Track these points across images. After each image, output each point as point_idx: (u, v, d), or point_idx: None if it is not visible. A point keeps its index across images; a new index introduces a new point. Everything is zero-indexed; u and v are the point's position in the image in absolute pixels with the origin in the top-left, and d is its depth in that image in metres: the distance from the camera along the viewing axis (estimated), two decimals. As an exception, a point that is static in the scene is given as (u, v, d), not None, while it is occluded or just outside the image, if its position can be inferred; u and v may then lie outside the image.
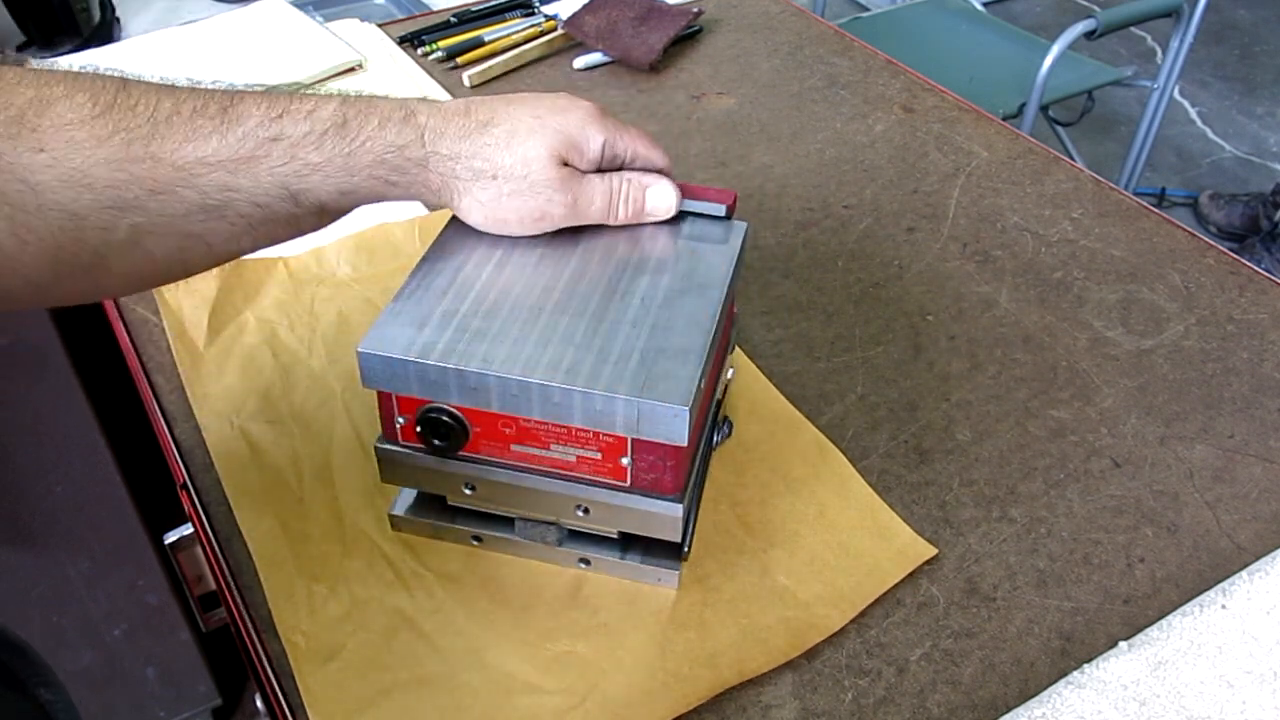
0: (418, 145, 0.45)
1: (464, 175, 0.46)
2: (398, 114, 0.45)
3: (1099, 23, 1.64)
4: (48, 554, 0.99)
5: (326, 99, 0.45)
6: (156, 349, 0.65)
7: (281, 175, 0.43)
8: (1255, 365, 0.64)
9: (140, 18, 1.10)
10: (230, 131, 0.42)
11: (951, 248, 0.74)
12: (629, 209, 0.50)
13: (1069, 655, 0.49)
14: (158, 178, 0.41)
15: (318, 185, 0.44)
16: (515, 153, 0.46)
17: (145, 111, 0.41)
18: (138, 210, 0.41)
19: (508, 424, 0.46)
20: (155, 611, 1.06)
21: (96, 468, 0.96)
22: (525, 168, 0.46)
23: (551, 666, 0.48)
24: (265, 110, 0.43)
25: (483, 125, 0.46)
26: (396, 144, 0.45)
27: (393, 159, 0.45)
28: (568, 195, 0.48)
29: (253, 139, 0.42)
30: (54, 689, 0.40)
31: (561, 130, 0.47)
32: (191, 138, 0.41)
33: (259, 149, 0.42)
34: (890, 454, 0.58)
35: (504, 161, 0.46)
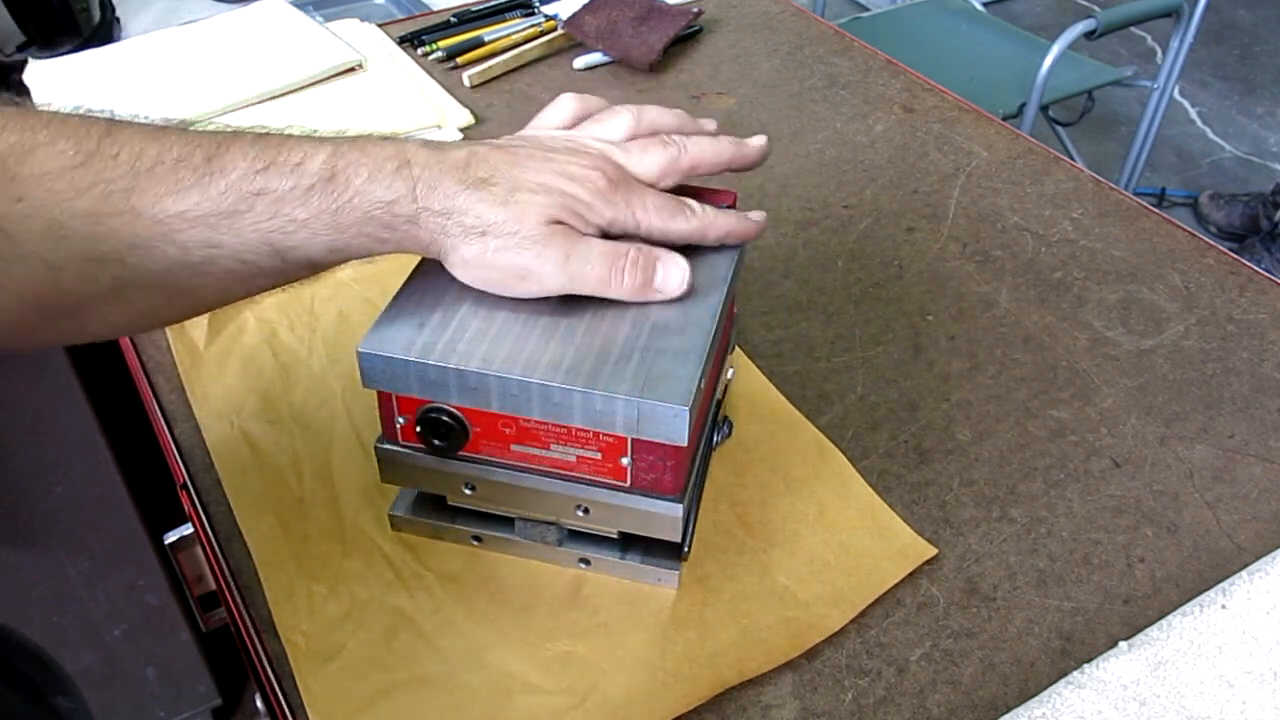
0: (408, 200, 0.42)
1: (454, 232, 0.43)
2: (390, 164, 0.42)
3: (1099, 23, 1.64)
4: (48, 554, 0.99)
5: (319, 146, 0.42)
6: (156, 349, 0.65)
7: (265, 231, 0.41)
8: (1255, 365, 0.64)
9: (140, 18, 1.10)
10: (213, 184, 0.40)
11: (951, 248, 0.74)
12: (631, 280, 0.45)
13: (1069, 655, 0.49)
14: (138, 232, 0.39)
15: (305, 242, 0.42)
16: (509, 210, 0.43)
17: (127, 161, 0.39)
18: (117, 264, 0.39)
19: (508, 424, 0.46)
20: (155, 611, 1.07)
21: (96, 468, 0.96)
22: (516, 224, 0.43)
23: (551, 666, 0.48)
24: (251, 161, 0.40)
25: (481, 181, 0.43)
26: (385, 199, 0.42)
27: (382, 215, 0.42)
28: (559, 252, 0.44)
29: (235, 192, 0.40)
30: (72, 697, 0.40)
31: (566, 196, 0.44)
32: (173, 190, 0.39)
33: (241, 203, 0.40)
34: (890, 454, 0.58)
35: (494, 218, 0.43)
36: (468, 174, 0.43)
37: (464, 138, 0.85)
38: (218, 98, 0.87)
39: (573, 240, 0.44)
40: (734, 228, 0.50)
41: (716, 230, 0.49)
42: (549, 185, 0.44)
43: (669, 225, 0.47)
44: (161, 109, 0.86)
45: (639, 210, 0.46)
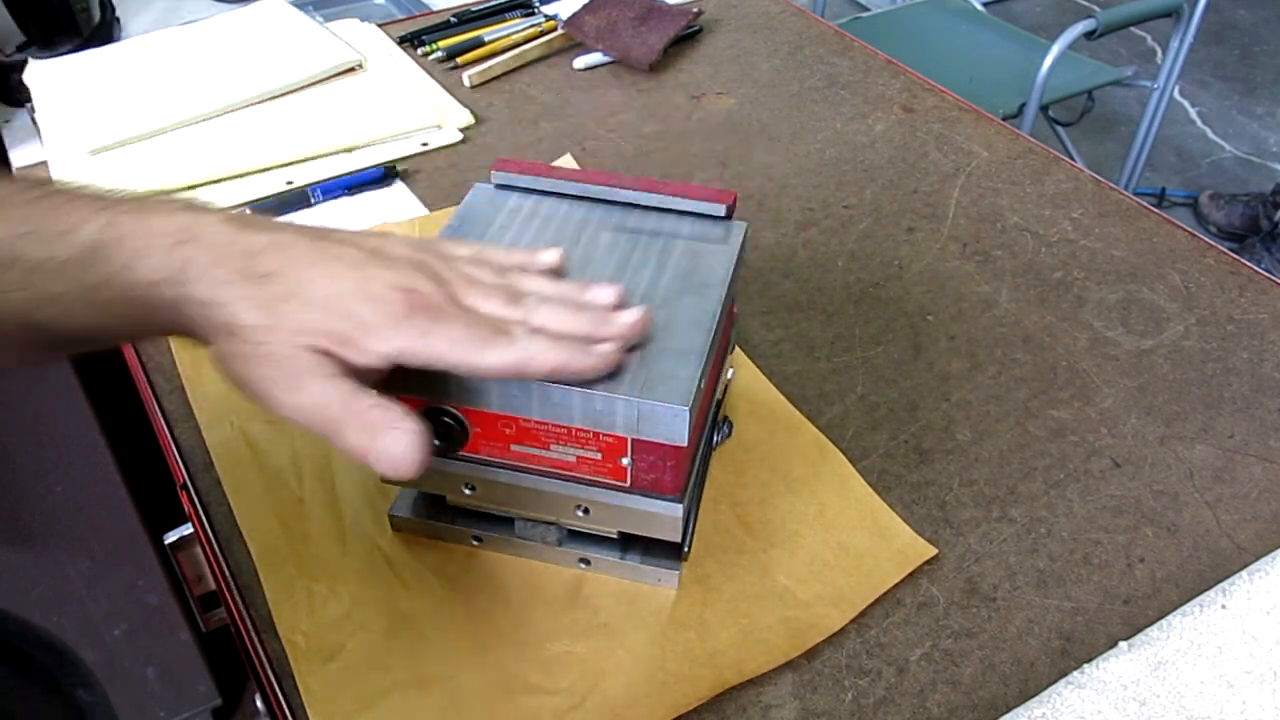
0: (171, 284, 0.37)
1: (208, 326, 0.38)
2: (165, 241, 0.37)
3: (1099, 23, 1.64)
4: (48, 554, 0.99)
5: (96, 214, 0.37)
6: (156, 349, 0.65)
7: (18, 303, 0.37)
8: (1255, 365, 0.64)
9: (140, 18, 1.10)
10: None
11: (951, 248, 0.74)
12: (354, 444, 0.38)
13: (1069, 655, 0.49)
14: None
15: (58, 319, 0.37)
16: (267, 317, 0.37)
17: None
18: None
19: (508, 424, 0.46)
20: (155, 611, 1.07)
21: (96, 468, 0.96)
22: (265, 335, 0.37)
23: (551, 666, 0.48)
24: (15, 225, 0.37)
25: (260, 278, 0.37)
26: (146, 280, 0.37)
27: (142, 296, 0.37)
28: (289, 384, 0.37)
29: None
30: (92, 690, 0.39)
31: (345, 319, 0.37)
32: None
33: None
34: (890, 454, 0.58)
35: (246, 322, 0.37)
36: (251, 265, 0.38)
37: (464, 138, 0.86)
38: (218, 98, 0.87)
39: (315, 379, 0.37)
40: (564, 363, 0.40)
41: (541, 365, 0.40)
42: (334, 302, 0.38)
43: (476, 360, 0.39)
44: (162, 109, 0.86)
45: (437, 342, 0.39)
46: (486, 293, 0.42)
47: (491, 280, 0.43)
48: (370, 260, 0.40)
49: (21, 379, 0.92)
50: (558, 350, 0.40)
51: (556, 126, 0.88)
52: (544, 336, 0.40)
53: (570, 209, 0.52)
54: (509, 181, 0.54)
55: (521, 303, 0.42)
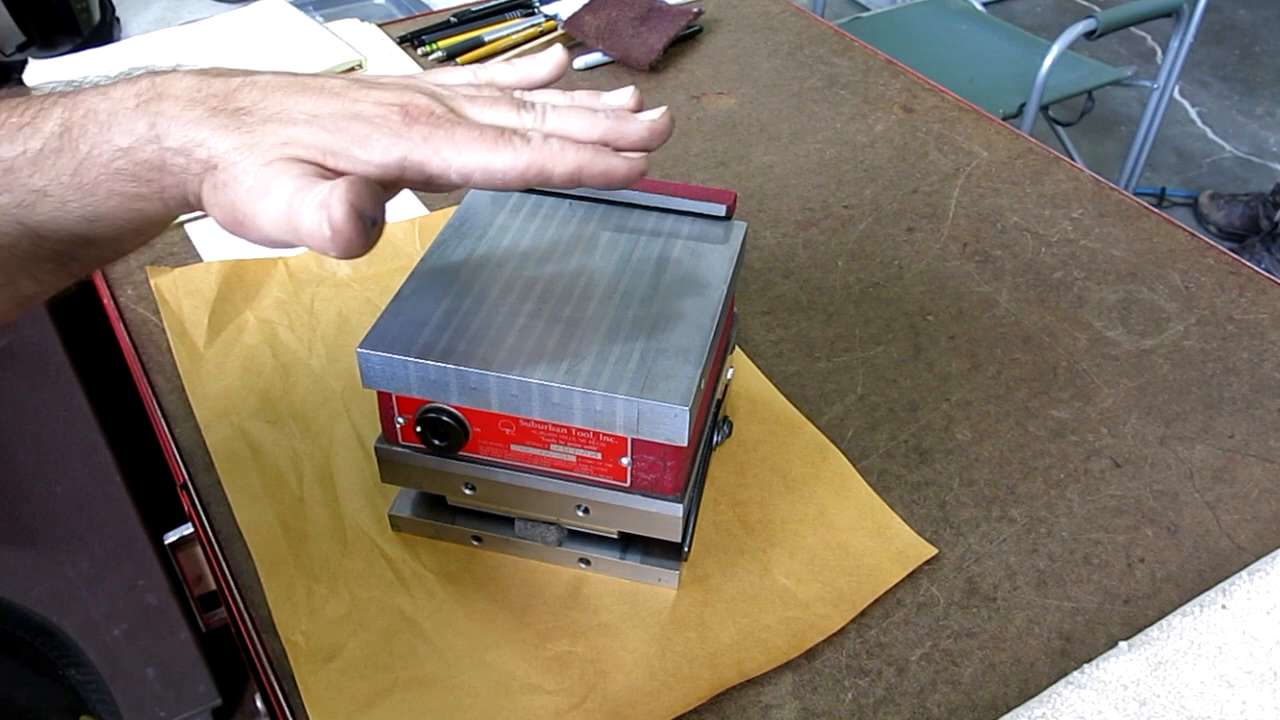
0: (147, 142, 0.34)
1: (193, 170, 0.35)
2: (131, 101, 0.35)
3: (1099, 23, 1.64)
4: (48, 554, 0.99)
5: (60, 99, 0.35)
6: (156, 349, 0.65)
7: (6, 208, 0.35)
8: (1255, 365, 0.64)
9: (140, 18, 1.10)
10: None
11: (951, 248, 0.74)
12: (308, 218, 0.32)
13: (1069, 655, 0.49)
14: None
15: (54, 215, 0.35)
16: (244, 138, 0.34)
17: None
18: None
19: (508, 424, 0.46)
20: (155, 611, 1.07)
21: (96, 468, 0.96)
22: (244, 154, 0.34)
23: (551, 666, 0.48)
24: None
25: (236, 112, 0.35)
26: (122, 146, 0.34)
27: (124, 166, 0.34)
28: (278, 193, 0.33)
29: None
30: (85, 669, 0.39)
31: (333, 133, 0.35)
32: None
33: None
34: (890, 454, 0.58)
35: (223, 147, 0.34)
36: (226, 103, 0.35)
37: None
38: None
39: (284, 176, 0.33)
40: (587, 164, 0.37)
41: (563, 166, 0.36)
42: (318, 119, 0.35)
43: (490, 161, 0.35)
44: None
45: (444, 146, 0.35)
46: (492, 102, 0.38)
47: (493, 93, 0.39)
48: (355, 86, 0.37)
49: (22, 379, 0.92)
50: (578, 150, 0.36)
51: (556, 126, 0.87)
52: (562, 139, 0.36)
53: (570, 209, 0.52)
54: (509, 181, 0.54)
55: (531, 110, 0.38)
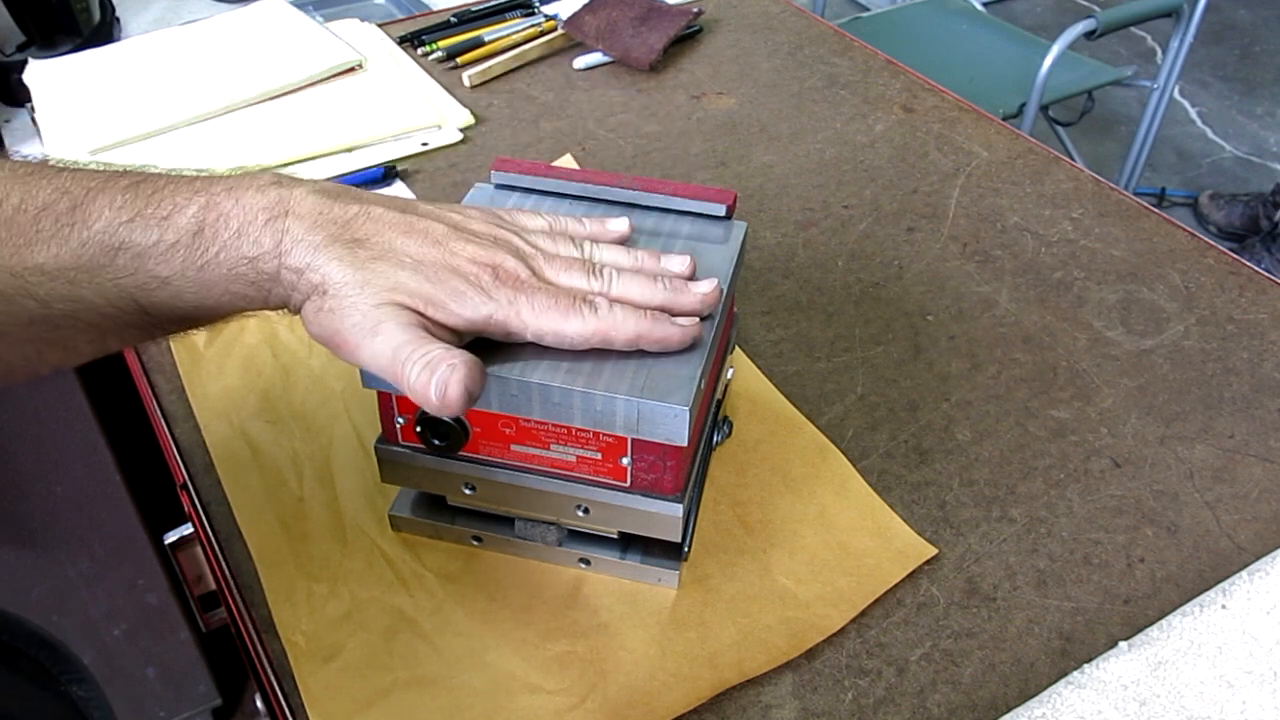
0: (271, 256, 0.39)
1: (302, 288, 0.39)
2: (263, 216, 0.39)
3: (1099, 23, 1.64)
4: (48, 554, 0.99)
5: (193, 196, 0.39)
6: (157, 349, 0.65)
7: (126, 287, 0.38)
8: (1255, 365, 0.64)
9: (140, 18, 1.10)
10: (73, 236, 0.37)
11: (951, 248, 0.74)
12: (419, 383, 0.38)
13: (1069, 655, 0.49)
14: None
15: (169, 300, 0.39)
16: (359, 274, 0.39)
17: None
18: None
19: (508, 424, 0.46)
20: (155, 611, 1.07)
21: (96, 468, 0.96)
22: (357, 290, 0.39)
23: (551, 666, 0.48)
24: (117, 212, 0.38)
25: (353, 242, 0.40)
26: (249, 255, 0.39)
27: (246, 273, 0.39)
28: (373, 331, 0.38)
29: (95, 246, 0.37)
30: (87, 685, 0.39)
31: (434, 284, 0.40)
32: (31, 242, 0.37)
33: (102, 257, 0.37)
34: (890, 454, 0.58)
35: (339, 279, 0.39)
36: (344, 231, 0.40)
37: (464, 138, 0.86)
38: (218, 98, 0.87)
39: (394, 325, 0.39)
40: (645, 332, 0.42)
41: (624, 332, 0.42)
42: (423, 265, 0.40)
43: (561, 327, 0.41)
44: (162, 109, 0.86)
45: (525, 310, 0.41)
46: (567, 266, 0.44)
47: (569, 253, 0.45)
48: (454, 235, 0.42)
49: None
50: (639, 319, 0.42)
51: (556, 126, 0.88)
52: (625, 307, 0.43)
53: (570, 209, 0.52)
54: (509, 181, 0.54)
55: (600, 275, 0.44)
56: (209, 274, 0.39)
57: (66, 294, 0.38)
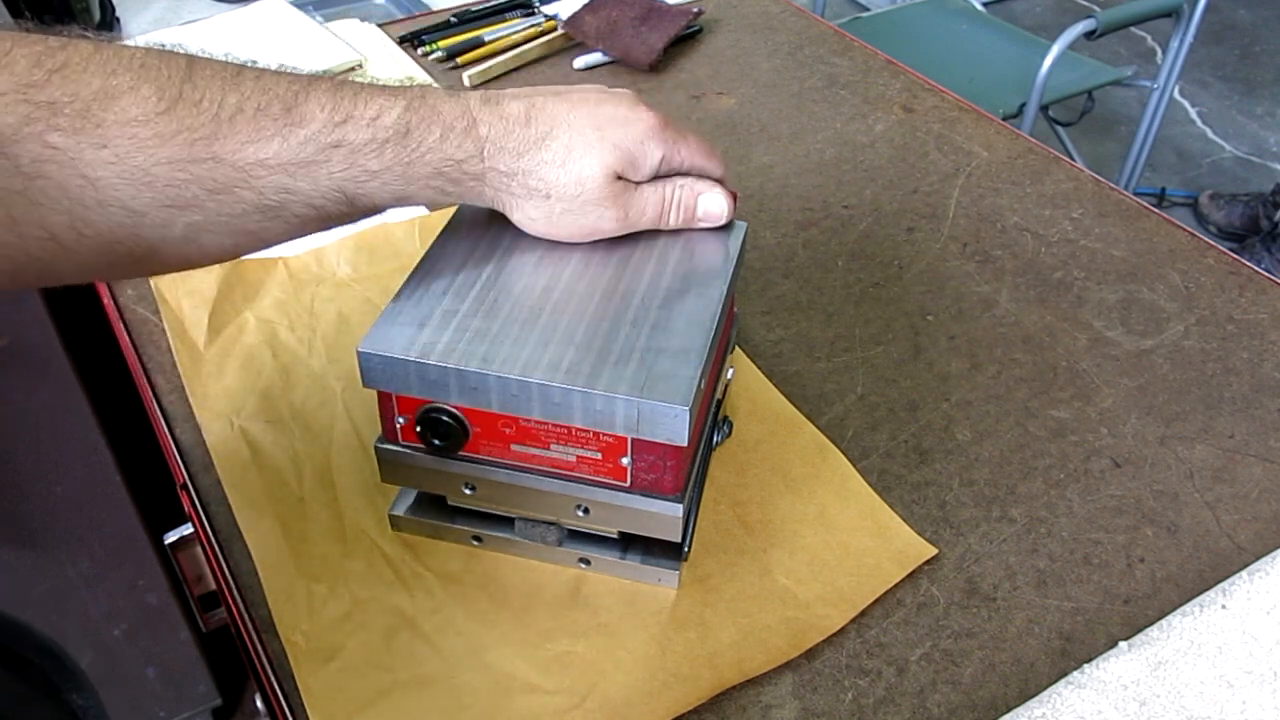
0: (476, 160, 0.45)
1: (519, 192, 0.46)
2: (460, 123, 0.45)
3: (1099, 23, 1.64)
4: (48, 554, 0.99)
5: (392, 100, 0.44)
6: (156, 349, 0.65)
7: (340, 180, 0.43)
8: (1255, 365, 0.64)
9: (140, 18, 1.10)
10: (293, 134, 0.41)
11: (951, 248, 0.74)
12: (680, 215, 0.50)
13: (1069, 655, 0.49)
14: (218, 178, 0.40)
15: (375, 191, 0.44)
16: (570, 172, 0.46)
17: (210, 109, 0.40)
18: (196, 209, 0.40)
19: (508, 424, 0.46)
20: (155, 611, 1.06)
21: (96, 468, 0.96)
22: (579, 187, 0.46)
23: (551, 666, 0.48)
24: (329, 113, 0.42)
25: (541, 139, 0.46)
26: (455, 158, 0.45)
27: (450, 171, 0.45)
28: (620, 210, 0.48)
29: (314, 144, 0.42)
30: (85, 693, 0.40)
31: (621, 145, 0.47)
32: (254, 139, 0.41)
33: (320, 154, 0.42)
34: (890, 454, 0.58)
35: (558, 180, 0.46)
36: (529, 130, 0.46)
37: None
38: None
39: (630, 194, 0.48)
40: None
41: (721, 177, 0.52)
42: (605, 133, 0.46)
43: (707, 163, 0.51)
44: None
45: (684, 148, 0.49)
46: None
47: None
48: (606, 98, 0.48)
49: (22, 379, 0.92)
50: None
51: (556, 126, 0.88)
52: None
53: None
54: (509, 181, 0.54)
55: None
56: (416, 170, 0.44)
57: (283, 185, 0.42)
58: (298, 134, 0.41)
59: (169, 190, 0.39)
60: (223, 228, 0.42)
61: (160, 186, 0.39)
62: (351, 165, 0.43)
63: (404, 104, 0.44)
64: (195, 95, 0.40)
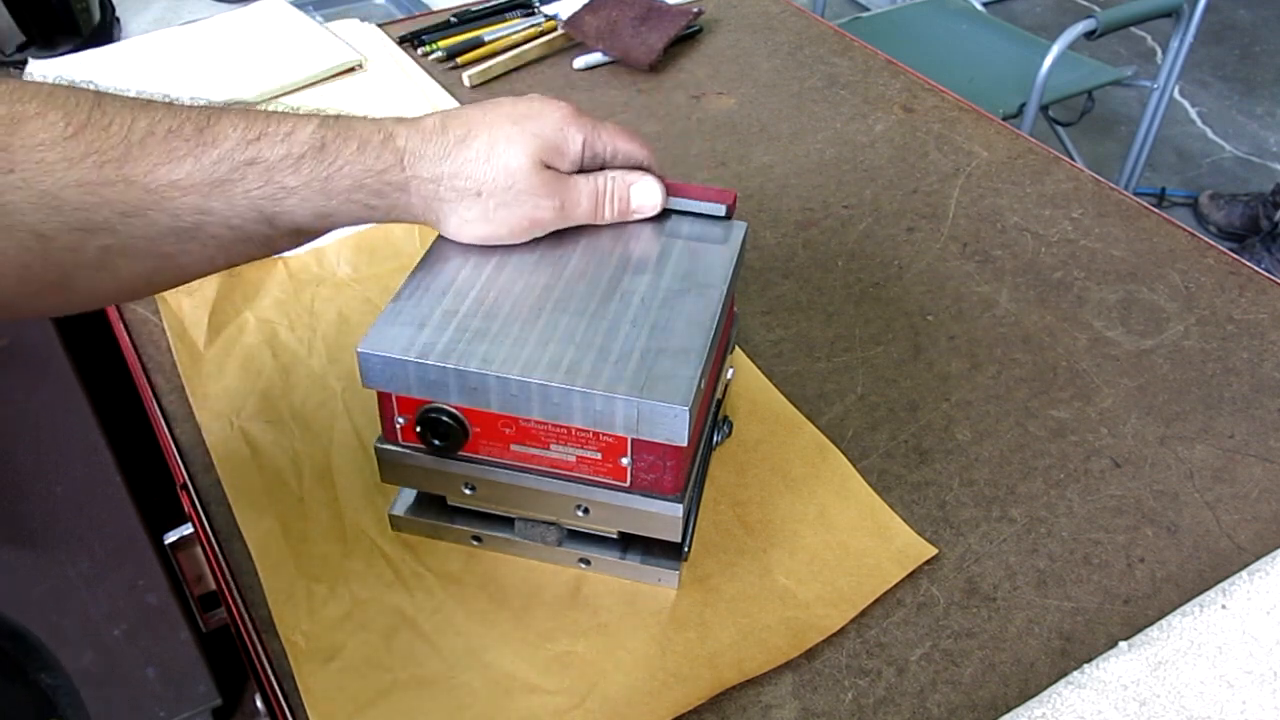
0: (397, 169, 0.44)
1: (448, 196, 0.46)
2: (376, 136, 0.44)
3: (1099, 23, 1.64)
4: (48, 554, 0.99)
5: (305, 120, 0.44)
6: (156, 349, 0.65)
7: (257, 199, 0.42)
8: (1255, 365, 0.64)
9: (140, 18, 1.10)
10: (205, 154, 0.41)
11: (951, 248, 0.74)
12: (614, 207, 0.50)
13: (1069, 655, 0.49)
14: (129, 200, 0.40)
15: (294, 209, 0.43)
16: (496, 165, 0.45)
17: (119, 132, 0.40)
18: (108, 232, 0.40)
19: (508, 424, 0.46)
20: (155, 611, 1.06)
21: (96, 468, 0.96)
22: (509, 179, 0.46)
23: (551, 666, 0.48)
24: (243, 132, 0.42)
25: (460, 141, 0.45)
26: (375, 169, 0.44)
27: (372, 183, 0.44)
28: (554, 199, 0.47)
29: (228, 162, 0.41)
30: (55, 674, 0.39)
31: (540, 134, 0.46)
32: (166, 160, 0.40)
33: (234, 172, 0.41)
34: (890, 454, 0.58)
35: (486, 176, 0.45)
36: (446, 136, 0.45)
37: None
38: (218, 98, 0.87)
39: (562, 183, 0.48)
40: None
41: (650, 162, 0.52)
42: (523, 125, 0.46)
43: (630, 147, 0.50)
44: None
45: (604, 133, 0.49)
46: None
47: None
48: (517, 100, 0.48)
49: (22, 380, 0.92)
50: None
51: (556, 126, 0.88)
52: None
53: None
54: (509, 181, 0.54)
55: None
56: (335, 184, 0.43)
57: (198, 206, 0.41)
58: (211, 153, 0.41)
59: (78, 214, 0.39)
60: (138, 251, 0.41)
61: (69, 210, 0.39)
62: (268, 183, 0.42)
63: (318, 121, 0.44)
64: (104, 120, 0.40)
